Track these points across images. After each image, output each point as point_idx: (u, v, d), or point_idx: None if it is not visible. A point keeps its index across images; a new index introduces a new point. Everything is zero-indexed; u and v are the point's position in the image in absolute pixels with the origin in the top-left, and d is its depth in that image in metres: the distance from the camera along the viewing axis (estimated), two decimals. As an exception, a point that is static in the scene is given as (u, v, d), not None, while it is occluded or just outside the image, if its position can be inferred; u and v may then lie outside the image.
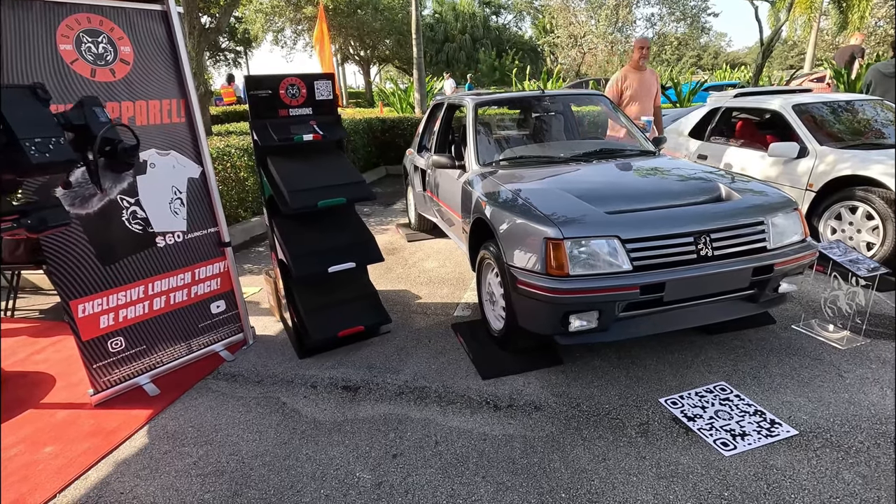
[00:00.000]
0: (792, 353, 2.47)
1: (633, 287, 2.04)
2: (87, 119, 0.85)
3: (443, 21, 26.04)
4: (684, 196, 2.42)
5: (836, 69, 8.58)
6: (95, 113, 0.88)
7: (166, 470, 1.88)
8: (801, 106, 4.00)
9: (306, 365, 2.58)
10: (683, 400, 2.15)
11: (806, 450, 1.84)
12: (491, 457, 1.87)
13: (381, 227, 5.25)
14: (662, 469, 1.78)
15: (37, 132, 0.71)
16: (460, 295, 3.39)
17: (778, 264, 2.22)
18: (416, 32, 9.44)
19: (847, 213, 3.47)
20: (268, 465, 1.89)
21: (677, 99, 9.68)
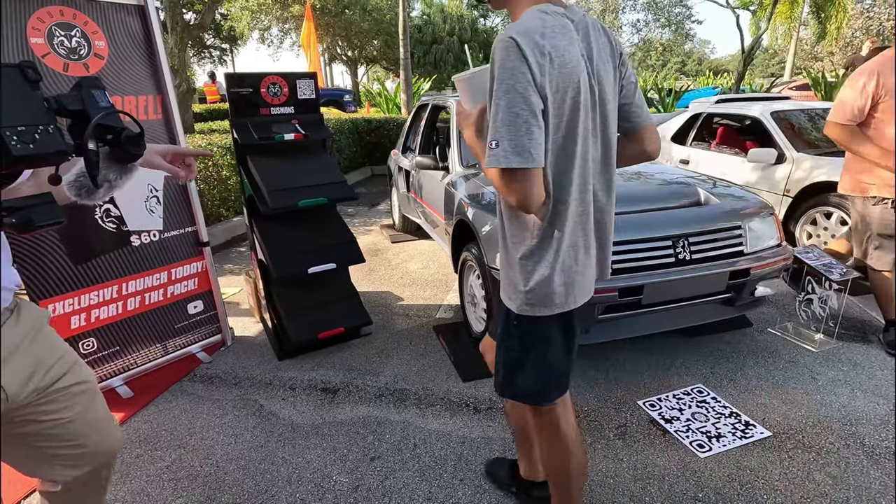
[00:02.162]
0: (767, 356, 2.51)
1: (611, 290, 2.06)
2: (85, 103, 0.72)
3: (430, 22, 26.05)
4: (663, 200, 2.45)
5: (815, 78, 8.78)
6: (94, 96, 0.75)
7: (137, 475, 1.84)
8: (780, 113, 4.08)
9: (285, 366, 2.55)
10: (661, 402, 2.17)
11: (779, 451, 1.87)
12: (469, 459, 1.87)
13: (365, 227, 5.22)
14: (639, 471, 1.79)
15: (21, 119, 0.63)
16: (443, 297, 3.38)
17: (754, 268, 2.26)
18: (404, 33, 9.43)
19: (822, 218, 3.54)
20: (243, 468, 1.86)
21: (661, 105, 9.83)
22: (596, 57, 1.07)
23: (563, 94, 1.02)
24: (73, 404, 1.05)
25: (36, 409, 1.00)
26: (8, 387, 0.94)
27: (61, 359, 1.05)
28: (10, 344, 0.96)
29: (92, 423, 1.09)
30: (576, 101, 1.03)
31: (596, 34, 1.09)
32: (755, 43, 10.46)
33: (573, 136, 1.05)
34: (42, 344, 1.02)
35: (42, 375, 1.00)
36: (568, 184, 1.08)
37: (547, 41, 0.98)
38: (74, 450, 1.08)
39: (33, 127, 0.63)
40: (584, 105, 1.05)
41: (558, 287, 1.12)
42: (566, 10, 1.06)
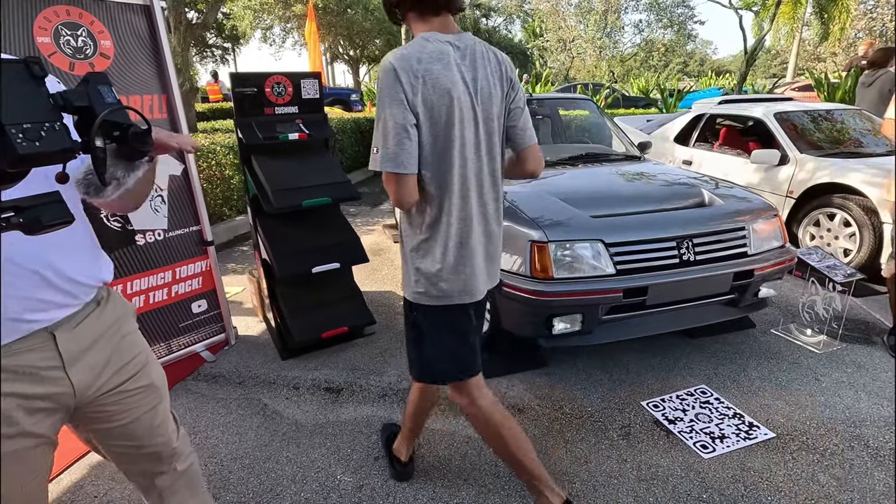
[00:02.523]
0: (770, 357, 2.51)
1: (616, 291, 2.06)
2: (91, 99, 0.69)
3: (433, 22, 26.03)
4: (668, 201, 2.45)
5: (818, 79, 8.76)
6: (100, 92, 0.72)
7: (142, 473, 1.84)
8: (783, 114, 4.08)
9: (289, 366, 2.55)
10: (665, 403, 2.17)
11: (783, 452, 1.87)
12: (473, 459, 1.87)
13: (368, 227, 5.22)
14: (643, 471, 1.79)
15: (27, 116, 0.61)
16: (446, 296, 3.38)
17: (758, 269, 2.26)
18: (406, 33, 9.43)
19: (825, 219, 3.54)
20: (247, 467, 1.86)
21: (664, 105, 9.83)
22: (480, 79, 1.23)
23: (437, 111, 1.18)
24: (134, 408, 1.05)
25: (100, 406, 1.01)
26: (77, 383, 0.95)
27: (133, 360, 1.05)
28: (87, 339, 0.96)
29: (151, 428, 1.09)
30: (450, 118, 1.19)
31: (484, 60, 1.25)
32: (758, 44, 10.44)
33: (450, 147, 1.22)
34: (118, 342, 1.03)
35: (110, 375, 1.00)
36: (447, 189, 1.24)
37: (422, 65, 1.16)
38: (130, 450, 1.09)
39: (39, 124, 0.61)
40: (460, 121, 1.21)
41: (441, 282, 1.28)
42: (455, 37, 1.23)
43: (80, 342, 0.95)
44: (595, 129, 4.32)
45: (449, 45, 1.21)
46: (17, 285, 0.84)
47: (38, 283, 0.87)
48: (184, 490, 1.21)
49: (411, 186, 1.21)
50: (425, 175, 1.23)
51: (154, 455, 1.11)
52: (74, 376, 0.94)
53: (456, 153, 1.23)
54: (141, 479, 1.16)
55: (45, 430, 0.93)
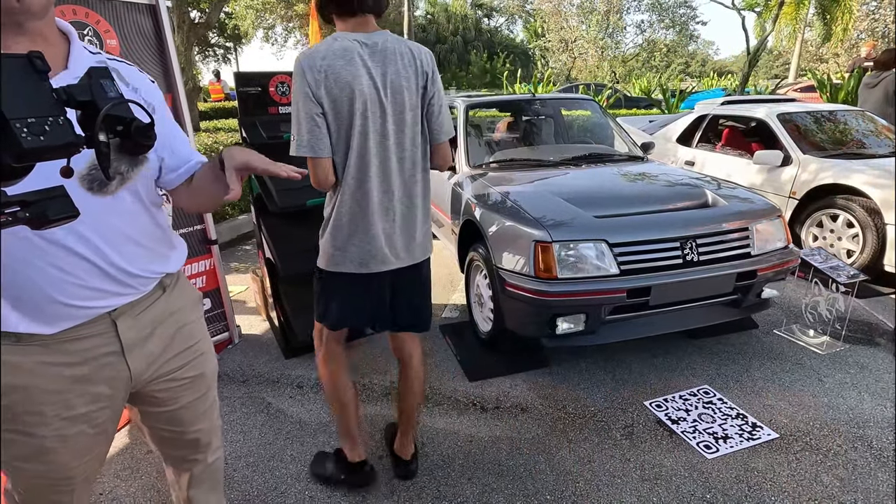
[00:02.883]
0: (773, 358, 2.51)
1: (619, 291, 2.06)
2: (94, 94, 0.69)
3: (435, 22, 26.06)
4: (671, 201, 2.46)
5: (820, 80, 8.75)
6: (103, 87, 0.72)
7: (147, 471, 1.85)
8: (786, 115, 4.08)
9: (292, 365, 2.56)
10: (668, 403, 2.17)
11: (786, 453, 1.87)
12: (477, 459, 1.88)
13: (370, 227, 5.23)
14: (646, 471, 1.80)
15: (31, 111, 0.60)
16: (448, 296, 3.39)
17: (761, 270, 2.26)
18: (408, 33, 9.44)
19: (828, 220, 3.54)
20: (251, 465, 1.87)
21: (666, 106, 9.82)
22: (391, 74, 1.35)
23: (339, 103, 1.32)
24: (182, 395, 1.08)
25: (150, 391, 1.04)
26: (134, 370, 0.97)
27: (188, 349, 1.08)
28: (148, 327, 0.99)
29: (195, 416, 1.13)
30: (352, 109, 1.32)
31: (395, 56, 1.36)
32: (761, 44, 10.43)
33: (351, 136, 1.34)
34: (176, 331, 1.05)
35: (164, 362, 1.03)
36: (346, 174, 1.38)
37: (325, 62, 1.30)
38: (173, 435, 1.12)
39: (43, 119, 0.61)
40: (363, 112, 1.33)
41: (336, 251, 1.44)
42: (366, 35, 1.36)
43: (140, 329, 0.98)
44: (598, 130, 4.32)
45: (356, 43, 1.33)
46: (75, 273, 0.86)
47: (93, 272, 0.88)
48: (207, 483, 1.25)
49: (327, 168, 1.36)
50: (332, 159, 1.38)
51: (194, 442, 1.15)
52: (132, 363, 0.97)
53: (355, 142, 1.35)
54: (176, 463, 1.20)
55: (104, 417, 0.96)
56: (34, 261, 0.82)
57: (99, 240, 0.88)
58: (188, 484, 1.22)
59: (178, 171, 1.04)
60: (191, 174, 1.06)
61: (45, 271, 0.83)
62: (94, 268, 0.87)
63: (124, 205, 0.92)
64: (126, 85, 0.96)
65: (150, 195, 0.98)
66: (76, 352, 0.90)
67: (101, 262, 0.88)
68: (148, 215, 0.98)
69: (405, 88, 1.37)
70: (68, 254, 0.84)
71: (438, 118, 1.45)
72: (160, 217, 1.03)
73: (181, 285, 1.09)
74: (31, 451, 0.91)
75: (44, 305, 0.85)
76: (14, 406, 0.87)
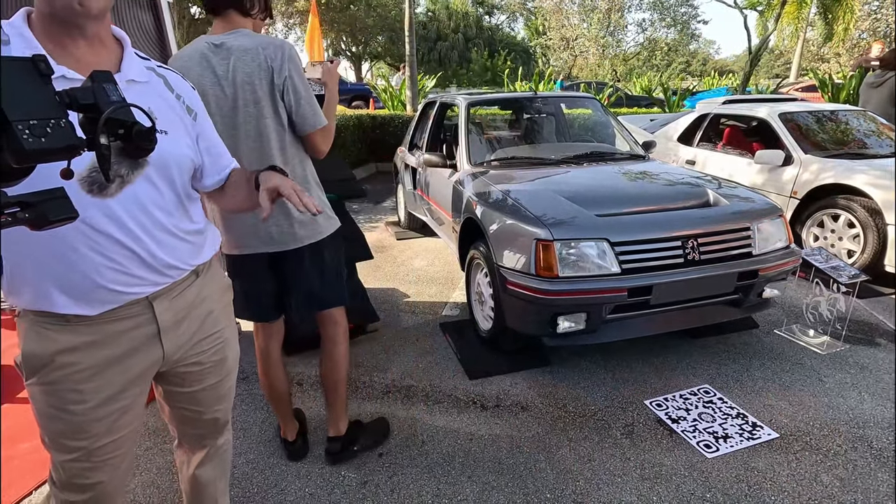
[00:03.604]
0: (774, 358, 2.51)
1: (621, 290, 2.06)
2: (96, 97, 0.70)
3: (436, 19, 25.99)
4: (673, 200, 2.45)
5: (822, 79, 8.74)
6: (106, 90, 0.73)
7: (147, 467, 1.85)
8: (787, 115, 4.07)
9: (292, 362, 2.55)
10: (668, 402, 2.17)
11: (786, 452, 1.87)
12: (477, 456, 1.88)
13: (371, 224, 5.22)
14: (646, 470, 1.80)
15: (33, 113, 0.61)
16: (449, 294, 3.38)
17: (762, 270, 2.26)
18: (409, 30, 9.40)
19: (829, 220, 3.54)
20: (251, 462, 1.87)
21: (667, 105, 9.80)
22: (239, 71, 1.43)
23: None
24: (205, 378, 1.14)
25: (176, 372, 1.09)
26: (167, 351, 1.03)
27: (214, 334, 1.13)
28: (183, 310, 1.04)
29: (215, 398, 1.18)
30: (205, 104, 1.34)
31: (241, 52, 1.43)
32: (763, 43, 10.41)
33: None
34: (205, 316, 1.10)
35: (192, 345, 1.08)
36: None
37: (178, 63, 1.44)
38: (193, 414, 1.18)
39: (45, 121, 0.62)
40: (213, 109, 1.41)
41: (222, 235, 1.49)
42: (217, 36, 1.46)
43: (175, 313, 1.03)
44: (599, 128, 4.32)
45: (205, 44, 1.44)
46: (117, 260, 0.91)
47: (134, 260, 0.93)
48: (216, 466, 1.31)
49: None
50: None
51: (213, 421, 1.22)
52: (167, 344, 1.02)
53: None
54: (192, 441, 1.26)
55: (135, 395, 1.01)
56: (79, 247, 0.87)
57: (140, 230, 0.93)
58: (199, 462, 1.27)
59: (215, 178, 1.12)
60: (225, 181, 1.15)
61: (89, 257, 0.88)
62: (135, 256, 0.92)
63: (164, 198, 0.97)
64: (171, 91, 1.02)
65: (187, 189, 1.03)
66: (116, 333, 0.95)
67: (142, 252, 0.93)
68: (183, 209, 1.03)
69: (249, 84, 1.44)
70: (112, 242, 0.90)
71: (298, 110, 1.49)
72: (195, 210, 1.08)
73: (213, 271, 1.15)
74: (70, 428, 0.95)
75: (88, 289, 0.90)
76: (57, 383, 0.92)
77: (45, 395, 0.93)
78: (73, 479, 0.99)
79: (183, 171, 1.00)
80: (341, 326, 1.80)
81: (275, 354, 1.78)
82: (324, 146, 1.59)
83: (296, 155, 1.57)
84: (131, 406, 1.01)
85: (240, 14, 1.48)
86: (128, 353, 0.97)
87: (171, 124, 0.98)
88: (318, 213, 0.99)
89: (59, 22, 0.86)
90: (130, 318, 0.97)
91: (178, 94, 1.03)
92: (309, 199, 0.98)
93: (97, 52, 0.92)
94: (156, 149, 0.92)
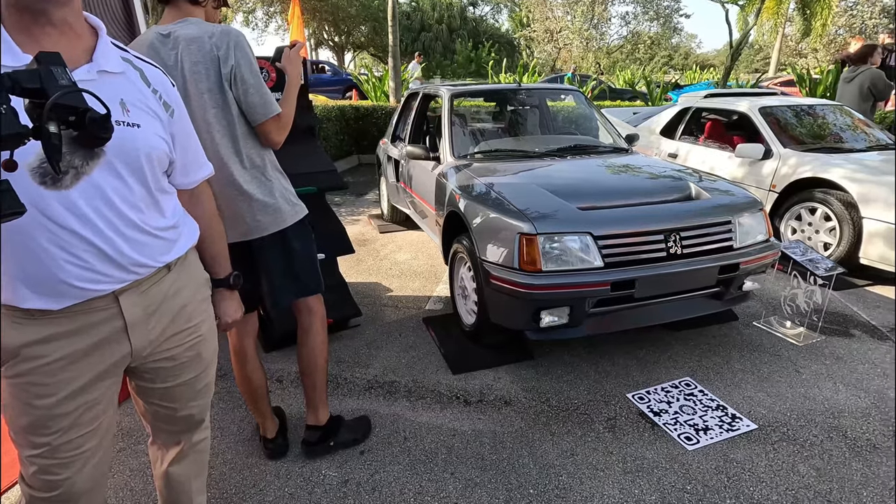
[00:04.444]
0: (753, 350, 2.55)
1: (604, 284, 2.05)
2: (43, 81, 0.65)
3: (419, 10, 25.71)
4: (656, 194, 2.45)
5: (800, 74, 8.88)
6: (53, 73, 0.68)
7: (120, 469, 1.79)
8: (767, 109, 4.12)
9: (272, 359, 2.50)
10: (650, 395, 2.19)
11: (764, 443, 1.90)
12: (460, 452, 1.86)
13: (353, 217, 5.16)
14: (628, 464, 1.80)
15: None
16: (432, 288, 3.36)
17: (743, 263, 2.28)
18: (392, 20, 9.27)
19: (807, 213, 3.60)
20: (229, 462, 1.82)
21: (650, 98, 9.86)
22: (187, 60, 1.39)
23: None
24: (179, 374, 1.11)
25: (148, 367, 1.06)
26: (135, 346, 1.00)
27: (188, 329, 1.09)
28: (153, 304, 1.01)
29: (190, 395, 1.15)
30: None
31: (188, 42, 1.39)
32: (743, 38, 10.53)
33: None
34: (179, 310, 1.07)
35: (164, 340, 1.05)
36: None
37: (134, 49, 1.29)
38: (167, 410, 1.15)
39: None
40: None
41: None
42: (165, 26, 1.42)
43: (145, 307, 1.00)
44: (583, 120, 4.32)
45: (154, 34, 1.41)
46: (81, 256, 0.88)
47: (99, 256, 0.90)
48: (191, 464, 1.27)
49: None
50: None
51: (187, 418, 1.19)
52: (134, 339, 0.99)
53: None
54: (166, 438, 1.23)
55: (102, 392, 0.98)
56: (41, 241, 0.85)
57: (106, 226, 0.89)
58: (172, 459, 1.24)
59: (183, 180, 1.09)
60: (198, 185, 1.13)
61: (50, 251, 0.85)
62: (100, 253, 0.89)
63: (133, 193, 0.93)
64: (147, 85, 0.98)
65: (160, 184, 0.99)
66: (81, 327, 0.93)
67: (107, 249, 0.90)
68: (155, 205, 0.99)
69: (196, 74, 1.41)
70: (74, 237, 0.86)
71: (246, 99, 1.45)
72: (168, 205, 1.03)
73: (188, 265, 1.10)
74: (35, 422, 0.93)
75: (51, 284, 0.87)
76: (22, 376, 0.91)
77: (10, 388, 0.92)
78: (40, 476, 0.96)
79: (155, 166, 0.96)
80: (317, 315, 1.77)
81: (250, 351, 1.74)
82: (277, 136, 1.53)
83: (253, 146, 1.52)
84: (98, 401, 0.98)
85: (188, 2, 1.44)
86: (94, 348, 0.95)
87: (145, 117, 0.95)
88: None
89: (23, 9, 0.83)
90: (96, 311, 0.94)
91: (155, 89, 1.00)
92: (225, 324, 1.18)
93: (69, 41, 0.88)
94: (128, 141, 0.89)
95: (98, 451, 1.01)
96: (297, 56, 1.66)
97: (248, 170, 1.52)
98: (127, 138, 0.89)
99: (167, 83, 1.04)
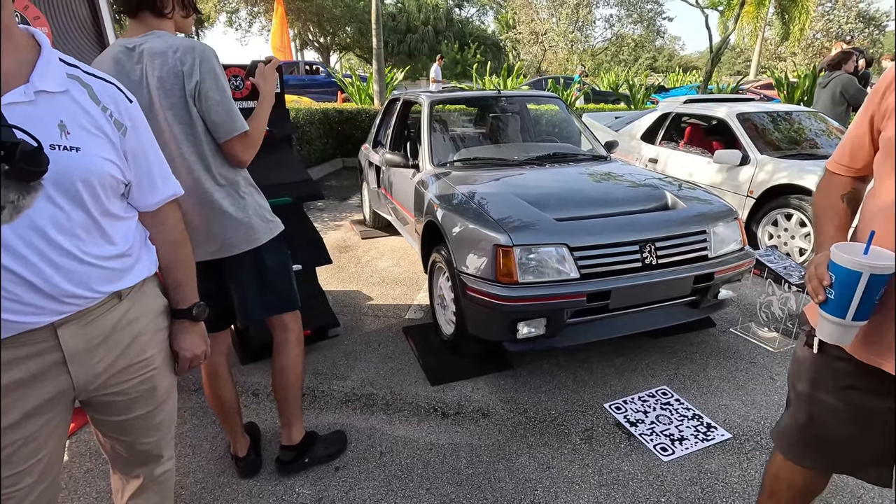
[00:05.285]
0: (729, 357, 2.58)
1: (580, 295, 2.06)
2: None
3: (405, 11, 25.66)
4: (632, 203, 2.47)
5: (778, 78, 9.04)
6: None
7: (87, 491, 1.74)
8: (744, 115, 4.17)
9: (248, 371, 2.46)
10: (627, 405, 2.20)
11: (738, 453, 1.91)
12: (436, 467, 1.85)
13: (335, 222, 5.11)
14: (604, 476, 1.81)
15: None
16: (413, 296, 3.34)
17: (718, 272, 2.30)
18: (376, 22, 9.23)
19: (783, 219, 3.65)
20: (200, 482, 1.79)
21: (632, 102, 9.95)
22: (153, 75, 1.36)
23: None
24: (132, 408, 1.06)
25: (99, 400, 1.02)
26: (77, 379, 0.95)
27: (140, 362, 1.04)
28: (98, 336, 0.96)
29: (145, 429, 1.11)
30: None
31: (153, 56, 1.35)
32: (723, 43, 10.69)
33: None
34: (130, 341, 1.02)
35: (112, 374, 1.00)
36: None
37: (96, 66, 1.33)
38: (122, 444, 1.11)
39: None
40: None
41: None
42: (131, 39, 1.37)
43: (88, 339, 0.94)
44: (563, 126, 4.33)
45: (119, 48, 1.37)
46: (7, 288, 0.82)
47: (29, 289, 0.84)
48: (151, 498, 1.22)
49: None
50: None
51: (144, 453, 1.14)
52: (75, 372, 0.94)
53: None
54: (124, 470, 1.18)
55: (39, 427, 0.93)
56: None
57: (35, 256, 0.83)
58: (133, 493, 1.19)
59: (146, 200, 1.04)
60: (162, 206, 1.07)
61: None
62: (25, 283, 0.83)
63: (70, 219, 0.87)
64: (96, 103, 0.92)
65: (105, 209, 0.93)
66: (13, 360, 0.87)
67: (34, 279, 0.84)
68: (98, 231, 0.93)
69: (161, 89, 1.37)
70: (4, 270, 0.81)
71: (210, 116, 1.41)
72: (118, 232, 0.97)
73: (144, 294, 1.05)
74: None
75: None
76: None
77: None
78: None
79: (97, 190, 0.89)
80: (292, 332, 1.74)
81: (221, 369, 1.70)
82: (244, 155, 1.48)
83: (223, 163, 1.48)
84: (35, 437, 0.92)
85: (154, 15, 1.39)
86: (27, 382, 0.89)
87: (89, 139, 0.88)
88: None
89: None
90: (29, 345, 0.88)
91: (105, 107, 0.93)
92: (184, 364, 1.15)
93: (7, 56, 0.82)
94: (62, 166, 0.84)
95: (38, 487, 0.96)
96: (271, 72, 1.63)
97: (221, 186, 1.49)
98: (62, 163, 0.83)
99: (121, 99, 0.97)
